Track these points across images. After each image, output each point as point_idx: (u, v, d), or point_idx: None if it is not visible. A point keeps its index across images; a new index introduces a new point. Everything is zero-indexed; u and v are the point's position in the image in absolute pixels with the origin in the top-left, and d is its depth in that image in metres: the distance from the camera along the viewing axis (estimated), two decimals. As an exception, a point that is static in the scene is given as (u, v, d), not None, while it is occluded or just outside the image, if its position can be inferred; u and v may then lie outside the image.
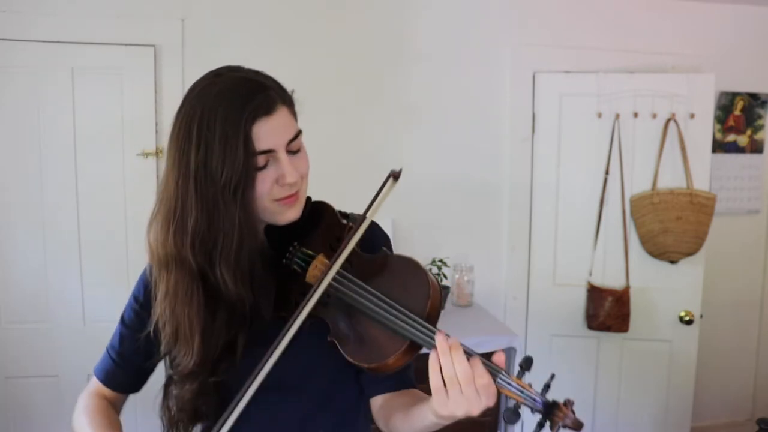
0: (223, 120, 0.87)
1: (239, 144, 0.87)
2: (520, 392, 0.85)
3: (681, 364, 2.83)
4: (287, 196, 0.95)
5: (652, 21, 2.89)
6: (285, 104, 0.94)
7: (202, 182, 0.88)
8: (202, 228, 0.90)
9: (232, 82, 0.91)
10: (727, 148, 3.04)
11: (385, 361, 0.89)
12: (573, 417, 0.83)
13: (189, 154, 0.88)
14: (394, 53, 2.73)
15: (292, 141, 0.94)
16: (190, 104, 0.90)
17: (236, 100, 0.88)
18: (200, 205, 0.89)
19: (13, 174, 2.43)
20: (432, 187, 2.79)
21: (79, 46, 2.42)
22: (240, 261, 0.92)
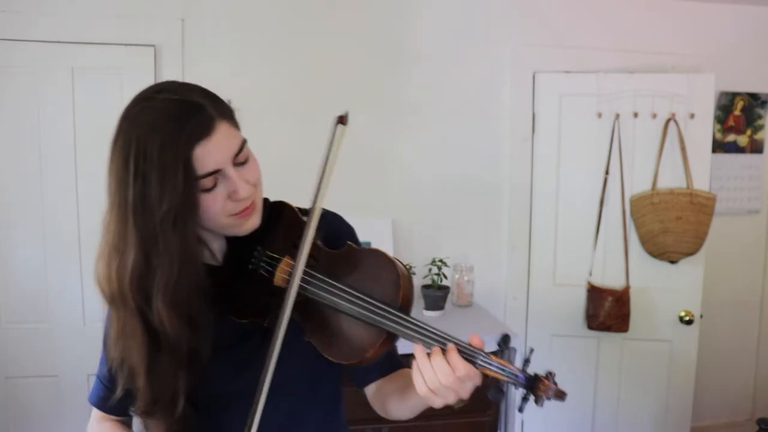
0: (160, 150, 0.84)
1: (178, 172, 0.84)
2: (501, 370, 0.85)
3: (681, 364, 2.83)
4: (243, 210, 0.93)
5: (652, 21, 2.89)
6: (224, 119, 0.90)
7: (140, 216, 0.86)
8: (141, 265, 0.87)
9: (164, 106, 0.87)
10: (727, 148, 3.04)
11: (363, 356, 0.89)
12: (555, 388, 0.85)
13: (127, 187, 0.85)
14: (394, 53, 2.73)
15: (238, 154, 0.91)
16: (125, 134, 0.87)
17: (171, 127, 0.85)
18: (139, 241, 0.87)
19: (13, 174, 2.43)
20: (432, 187, 2.79)
21: (79, 46, 2.42)
22: (177, 297, 0.89)
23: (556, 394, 0.85)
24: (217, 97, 0.94)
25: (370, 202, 2.71)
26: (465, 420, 2.33)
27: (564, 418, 2.92)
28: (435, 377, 0.85)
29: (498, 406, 2.39)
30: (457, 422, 2.31)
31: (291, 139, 2.67)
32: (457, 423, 2.31)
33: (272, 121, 2.60)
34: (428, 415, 2.45)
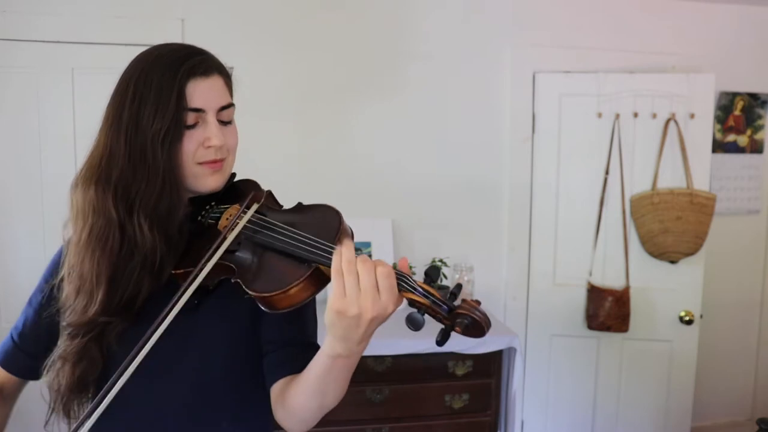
0: (160, 75, 0.93)
1: (172, 97, 0.92)
2: (425, 296, 0.81)
3: (681, 364, 2.83)
4: (211, 161, 0.98)
5: (653, 21, 2.89)
6: (221, 74, 0.99)
7: (132, 133, 0.93)
8: (127, 177, 0.93)
9: (173, 47, 0.98)
10: (727, 148, 3.04)
11: (287, 287, 0.86)
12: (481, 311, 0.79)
13: (123, 108, 0.94)
14: (394, 53, 2.73)
15: (224, 110, 0.98)
16: (132, 67, 0.98)
17: (175, 60, 0.94)
18: (127, 155, 0.93)
19: (13, 174, 2.43)
20: (432, 187, 2.79)
21: (79, 46, 2.42)
22: (158, 212, 0.95)
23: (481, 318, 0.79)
24: (221, 61, 1.02)
25: (370, 202, 2.71)
26: (465, 420, 2.33)
27: (564, 417, 2.92)
28: (351, 254, 0.81)
29: (492, 396, 2.39)
30: (457, 422, 2.32)
31: (291, 138, 2.67)
32: (457, 423, 2.32)
33: (272, 121, 2.60)
34: (428, 415, 2.47)
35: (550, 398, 2.92)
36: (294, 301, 0.87)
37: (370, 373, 2.25)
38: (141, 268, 0.95)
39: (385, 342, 2.22)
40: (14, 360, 1.08)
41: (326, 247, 0.86)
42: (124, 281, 0.95)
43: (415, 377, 2.28)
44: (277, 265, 0.90)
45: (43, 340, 1.05)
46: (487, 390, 2.35)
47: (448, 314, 0.81)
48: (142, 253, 0.95)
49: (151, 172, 0.93)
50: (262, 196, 1.01)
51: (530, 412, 2.93)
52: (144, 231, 0.94)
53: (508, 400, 2.43)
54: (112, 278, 0.95)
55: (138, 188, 0.93)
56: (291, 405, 0.96)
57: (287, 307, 0.88)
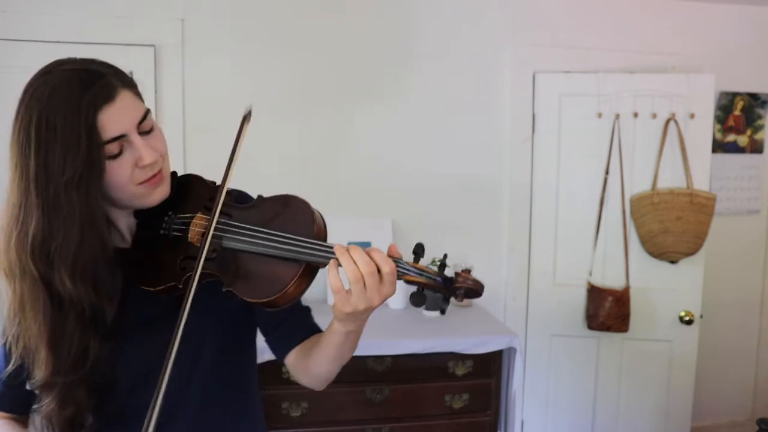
0: (63, 117, 0.86)
1: (81, 138, 0.85)
2: (419, 274, 0.88)
3: (681, 364, 2.83)
4: (150, 177, 0.95)
5: (652, 21, 2.89)
6: (126, 87, 0.93)
7: (43, 184, 0.86)
8: (44, 230, 0.87)
9: (63, 76, 0.90)
10: (727, 148, 3.04)
11: (285, 288, 0.89)
12: (474, 279, 0.88)
13: (29, 158, 0.86)
14: (394, 53, 2.73)
15: (142, 122, 0.93)
16: (26, 108, 0.89)
17: (72, 94, 0.87)
18: (41, 208, 0.87)
19: (13, 174, 2.43)
20: (432, 187, 2.79)
21: (79, 46, 2.41)
22: (80, 262, 0.89)
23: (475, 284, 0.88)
24: (118, 68, 0.98)
25: (370, 202, 2.71)
26: (465, 420, 2.33)
27: (564, 417, 2.92)
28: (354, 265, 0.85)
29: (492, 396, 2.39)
30: (457, 422, 2.31)
31: (291, 138, 2.67)
32: (457, 423, 2.32)
33: (272, 121, 2.60)
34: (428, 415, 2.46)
35: (550, 398, 2.92)
36: (292, 297, 0.91)
37: (370, 373, 2.25)
38: (77, 323, 0.91)
39: (385, 342, 2.22)
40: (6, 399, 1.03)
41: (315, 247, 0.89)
42: (66, 340, 0.91)
43: (415, 377, 2.28)
44: (265, 268, 0.92)
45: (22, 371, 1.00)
46: (487, 390, 2.35)
47: (445, 286, 0.88)
48: (76, 309, 0.91)
49: (67, 222, 0.87)
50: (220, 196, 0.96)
51: (530, 412, 2.93)
52: (68, 288, 0.88)
53: (508, 400, 2.43)
54: (51, 339, 0.90)
55: (56, 242, 0.88)
56: (315, 372, 1.06)
57: (287, 303, 0.91)
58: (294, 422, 2.16)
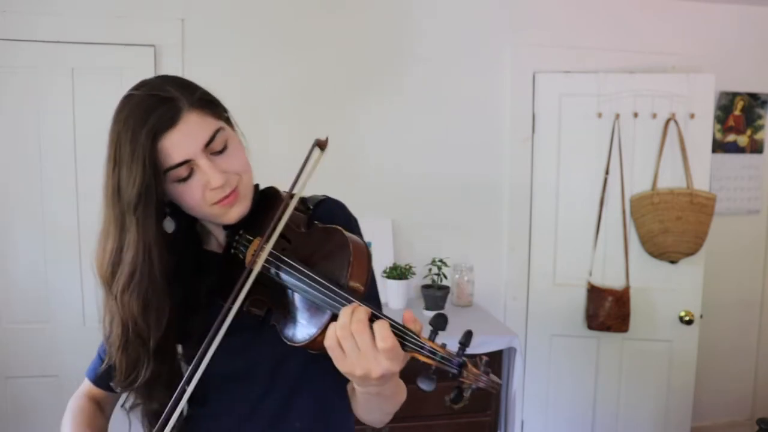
0: (128, 141, 0.88)
1: (140, 164, 0.88)
2: (432, 354, 0.77)
3: (681, 364, 2.83)
4: (222, 198, 0.94)
5: (652, 21, 2.89)
6: (193, 108, 0.91)
7: (115, 203, 0.91)
8: (115, 250, 0.94)
9: (138, 100, 0.91)
10: (727, 148, 3.04)
11: (314, 337, 0.85)
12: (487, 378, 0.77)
13: (108, 178, 0.92)
14: (394, 53, 2.73)
15: (210, 143, 0.92)
16: (110, 128, 0.93)
17: (138, 120, 0.89)
18: (114, 227, 0.93)
19: (13, 174, 2.43)
20: (432, 187, 2.79)
21: (79, 46, 2.42)
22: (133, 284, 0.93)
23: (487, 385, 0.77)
24: (192, 86, 0.95)
25: (370, 202, 2.71)
26: (465, 420, 2.33)
27: (564, 417, 2.92)
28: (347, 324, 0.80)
29: (492, 396, 2.38)
30: (457, 422, 2.31)
31: (290, 138, 2.67)
32: (457, 423, 2.32)
33: (272, 121, 2.60)
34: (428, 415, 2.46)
35: (550, 398, 2.92)
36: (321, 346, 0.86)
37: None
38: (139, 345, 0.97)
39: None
40: (104, 377, 1.10)
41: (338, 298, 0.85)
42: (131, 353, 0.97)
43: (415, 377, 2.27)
44: (301, 310, 0.91)
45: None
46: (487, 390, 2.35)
47: (458, 373, 0.77)
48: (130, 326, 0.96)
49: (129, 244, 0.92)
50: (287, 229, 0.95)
51: (530, 412, 2.93)
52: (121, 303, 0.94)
53: (508, 400, 2.43)
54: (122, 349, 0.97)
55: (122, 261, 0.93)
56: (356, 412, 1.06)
57: (318, 350, 0.87)
58: (294, 422, 2.16)
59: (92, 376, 1.14)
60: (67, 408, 1.11)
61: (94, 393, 1.13)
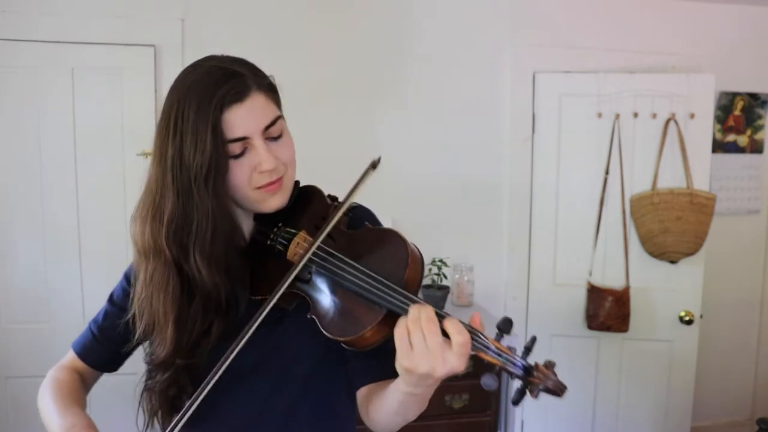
0: (195, 109, 0.88)
1: (208, 132, 0.87)
2: (497, 355, 0.79)
3: (681, 364, 2.83)
4: (268, 183, 0.95)
5: (652, 21, 2.89)
6: (261, 90, 0.93)
7: (177, 171, 0.90)
8: (178, 217, 0.91)
9: (205, 71, 0.92)
10: (727, 148, 3.04)
11: (362, 332, 0.86)
12: (555, 379, 0.80)
13: (167, 145, 0.90)
14: (394, 54, 2.73)
15: (270, 127, 0.93)
16: (170, 97, 0.93)
17: (207, 89, 0.89)
18: (175, 195, 0.90)
19: (13, 174, 2.43)
20: (432, 187, 2.79)
21: (79, 46, 2.42)
22: (214, 250, 0.92)
23: (555, 385, 0.80)
24: (260, 70, 0.98)
25: (370, 202, 2.70)
26: (465, 420, 2.33)
27: (564, 417, 2.92)
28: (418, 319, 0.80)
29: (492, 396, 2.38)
30: (457, 422, 2.31)
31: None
32: (457, 423, 2.32)
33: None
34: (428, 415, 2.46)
35: (550, 398, 2.91)
36: (370, 342, 0.87)
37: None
38: (205, 308, 0.95)
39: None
40: (93, 352, 1.10)
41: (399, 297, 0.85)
42: (190, 322, 0.95)
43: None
44: (349, 305, 0.90)
45: (121, 336, 1.06)
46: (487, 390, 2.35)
47: (523, 374, 0.79)
48: (204, 293, 0.94)
49: (200, 212, 0.91)
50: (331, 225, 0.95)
51: (530, 412, 2.93)
52: (203, 273, 0.92)
53: (508, 400, 2.43)
54: (178, 319, 0.94)
55: (190, 229, 0.92)
56: (375, 418, 1.00)
57: (367, 347, 0.88)
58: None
59: (80, 350, 1.11)
60: (48, 378, 1.07)
61: (78, 367, 1.11)
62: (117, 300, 1.11)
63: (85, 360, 1.10)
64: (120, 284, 1.13)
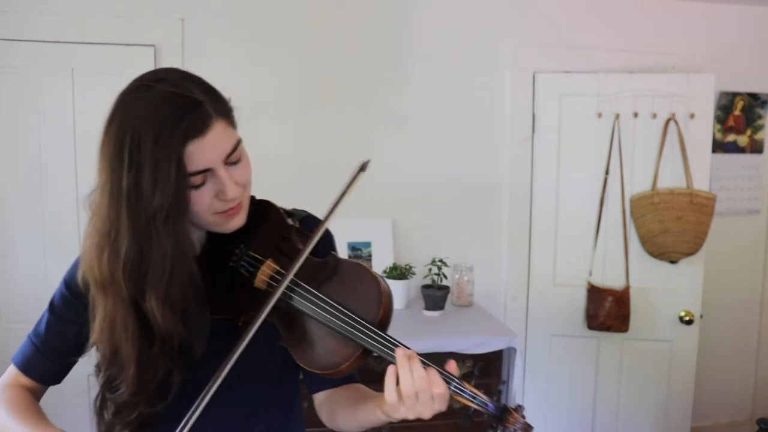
0: (154, 143, 0.83)
1: (171, 169, 0.83)
2: (472, 398, 0.88)
3: (681, 364, 2.83)
4: (229, 209, 0.93)
5: (652, 21, 2.89)
6: (221, 117, 0.89)
7: (134, 207, 0.85)
8: (134, 256, 0.86)
9: (162, 98, 0.85)
10: (727, 148, 3.04)
11: (338, 368, 0.91)
12: (523, 421, 0.89)
13: (120, 176, 0.85)
14: (394, 53, 2.73)
15: (231, 154, 0.90)
16: (120, 120, 0.87)
17: (166, 121, 0.83)
18: (131, 232, 0.86)
19: (14, 174, 2.43)
20: (432, 187, 2.79)
21: (79, 46, 2.42)
22: (170, 294, 0.88)
23: (523, 427, 0.88)
24: (217, 93, 0.92)
25: (370, 202, 2.71)
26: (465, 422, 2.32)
27: (564, 417, 2.92)
28: (411, 382, 0.85)
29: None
30: (457, 422, 2.31)
31: (290, 138, 2.67)
32: (457, 423, 2.31)
33: (271, 121, 2.60)
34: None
35: (550, 398, 2.92)
36: (344, 373, 0.92)
37: (370, 373, 2.23)
38: (163, 352, 0.91)
39: (385, 342, 2.22)
40: (38, 366, 1.06)
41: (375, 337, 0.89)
42: (152, 365, 0.91)
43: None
44: (324, 339, 0.93)
45: (66, 349, 1.03)
46: (487, 390, 2.34)
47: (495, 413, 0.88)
48: (161, 337, 0.90)
49: (157, 254, 0.86)
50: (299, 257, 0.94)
51: (530, 412, 2.91)
52: (157, 316, 0.88)
53: (508, 400, 2.43)
54: (139, 361, 0.90)
55: (147, 269, 0.87)
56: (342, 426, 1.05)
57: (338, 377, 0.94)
58: (294, 422, 2.16)
59: (23, 366, 1.06)
60: None
61: (24, 383, 1.06)
62: (58, 309, 1.06)
63: (30, 375, 1.06)
64: (59, 291, 1.07)
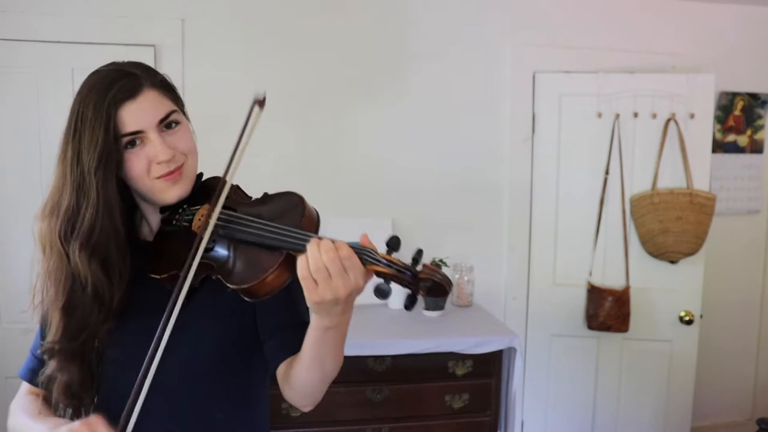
0: (92, 109, 0.96)
1: (101, 129, 0.95)
2: (388, 265, 0.87)
3: (681, 364, 2.83)
4: (167, 173, 1.00)
5: (653, 21, 2.89)
6: (153, 86, 1.00)
7: (74, 168, 0.97)
8: (72, 211, 0.97)
9: (103, 74, 0.99)
10: (727, 148, 3.04)
11: (263, 276, 0.90)
12: (442, 273, 0.86)
13: (67, 145, 0.99)
14: (394, 53, 2.73)
15: (164, 120, 1.00)
16: (74, 102, 1.00)
17: (102, 90, 0.97)
18: (71, 190, 0.97)
19: (14, 174, 2.43)
20: (432, 186, 2.79)
21: (79, 46, 2.42)
22: (93, 239, 0.97)
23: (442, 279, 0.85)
24: (153, 69, 1.04)
25: (370, 202, 2.71)
26: (465, 420, 2.33)
27: (564, 417, 2.92)
28: (319, 256, 0.85)
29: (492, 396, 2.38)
30: (457, 422, 2.32)
31: (290, 138, 2.67)
32: (457, 423, 2.32)
33: (271, 121, 2.60)
34: (428, 415, 2.46)
35: (550, 398, 2.92)
36: (273, 286, 0.92)
37: (370, 373, 2.25)
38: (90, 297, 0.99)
39: (385, 342, 2.22)
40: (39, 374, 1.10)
41: (295, 234, 0.90)
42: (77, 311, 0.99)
43: (415, 377, 2.28)
44: (251, 256, 0.94)
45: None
46: (487, 390, 2.35)
47: (412, 279, 0.86)
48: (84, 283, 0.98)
49: (88, 203, 0.96)
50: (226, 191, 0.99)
51: (530, 412, 2.93)
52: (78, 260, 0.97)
53: (508, 400, 2.43)
54: (65, 307, 0.99)
55: (77, 220, 0.97)
56: (295, 382, 1.03)
57: (268, 293, 0.92)
58: (294, 422, 2.16)
59: (28, 377, 1.15)
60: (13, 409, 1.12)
61: (35, 391, 1.15)
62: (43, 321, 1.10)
63: (33, 383, 1.14)
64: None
